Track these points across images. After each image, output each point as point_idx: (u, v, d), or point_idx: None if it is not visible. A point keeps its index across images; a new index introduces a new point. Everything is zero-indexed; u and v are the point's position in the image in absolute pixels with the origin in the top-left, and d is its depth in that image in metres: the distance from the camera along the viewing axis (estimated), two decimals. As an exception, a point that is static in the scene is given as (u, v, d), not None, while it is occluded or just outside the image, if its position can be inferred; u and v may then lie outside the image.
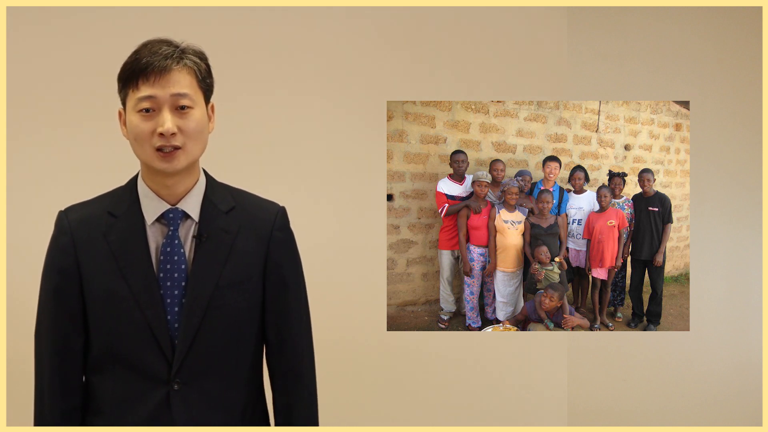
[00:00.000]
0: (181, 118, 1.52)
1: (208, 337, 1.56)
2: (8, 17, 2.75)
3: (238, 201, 1.65)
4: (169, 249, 1.57)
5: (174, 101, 1.52)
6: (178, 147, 1.52)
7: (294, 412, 1.66)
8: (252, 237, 1.61)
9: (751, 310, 3.60)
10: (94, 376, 1.60)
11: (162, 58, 1.51)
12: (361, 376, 3.01)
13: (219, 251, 1.58)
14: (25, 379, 2.23)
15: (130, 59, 1.53)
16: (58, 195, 2.72)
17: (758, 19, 3.43)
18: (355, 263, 3.00)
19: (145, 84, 1.51)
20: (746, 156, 3.57)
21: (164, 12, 2.81)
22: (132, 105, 1.53)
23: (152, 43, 1.54)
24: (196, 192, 1.61)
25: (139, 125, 1.52)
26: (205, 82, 1.58)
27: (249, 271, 1.61)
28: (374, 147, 3.04)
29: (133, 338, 1.54)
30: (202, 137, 1.57)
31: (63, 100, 2.80)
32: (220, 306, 1.57)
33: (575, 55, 3.27)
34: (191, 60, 1.55)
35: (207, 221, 1.60)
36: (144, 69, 1.50)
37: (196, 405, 1.56)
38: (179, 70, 1.53)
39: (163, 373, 1.54)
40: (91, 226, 1.59)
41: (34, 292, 1.65)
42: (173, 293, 1.56)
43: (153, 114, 1.51)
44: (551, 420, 3.21)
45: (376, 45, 3.04)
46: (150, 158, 1.54)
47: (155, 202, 1.58)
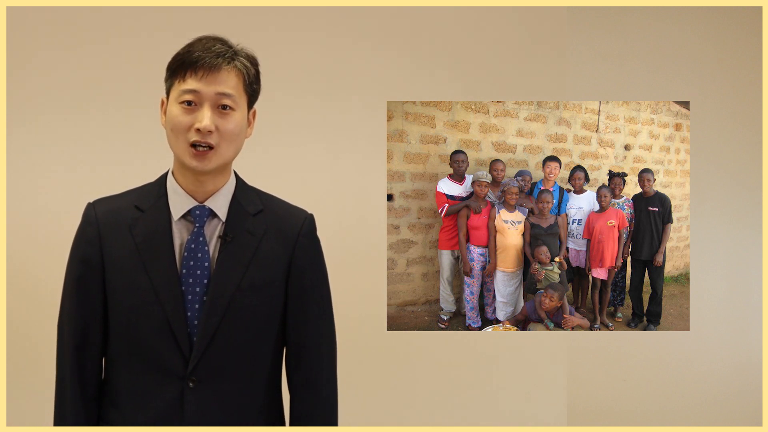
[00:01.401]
0: (221, 117, 1.53)
1: (227, 337, 1.56)
2: (8, 17, 2.75)
3: (267, 205, 1.65)
4: (194, 246, 1.57)
5: (217, 100, 1.52)
6: (212, 146, 1.52)
7: (310, 423, 1.65)
8: (278, 241, 1.61)
9: (751, 310, 3.60)
10: (112, 368, 1.60)
11: (214, 55, 1.52)
12: (361, 376, 3.01)
13: (243, 253, 1.58)
14: (25, 379, 2.24)
15: (183, 50, 1.54)
16: (58, 194, 2.73)
17: (758, 19, 3.43)
18: (355, 263, 3.00)
19: (193, 77, 1.51)
20: (746, 156, 3.57)
21: (164, 12, 2.81)
22: (175, 96, 1.53)
23: (207, 39, 1.55)
24: (225, 192, 1.61)
25: (178, 116, 1.52)
26: (251, 87, 1.59)
27: (272, 275, 1.60)
28: (374, 147, 3.04)
29: (152, 332, 1.54)
30: (237, 140, 1.57)
31: (63, 100, 2.80)
32: (241, 308, 1.57)
33: (575, 55, 3.28)
34: (242, 62, 1.56)
35: (234, 222, 1.60)
36: (194, 62, 1.51)
37: (209, 404, 1.55)
38: (228, 70, 1.53)
39: (179, 369, 1.54)
40: (117, 218, 1.59)
41: (35, 292, 1.65)
42: (195, 290, 1.55)
43: (194, 108, 1.52)
44: (551, 420, 3.21)
45: (376, 45, 3.04)
46: (183, 152, 1.54)
47: (183, 198, 1.58)
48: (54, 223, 2.63)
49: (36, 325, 2.53)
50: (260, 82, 1.62)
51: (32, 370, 2.48)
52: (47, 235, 2.66)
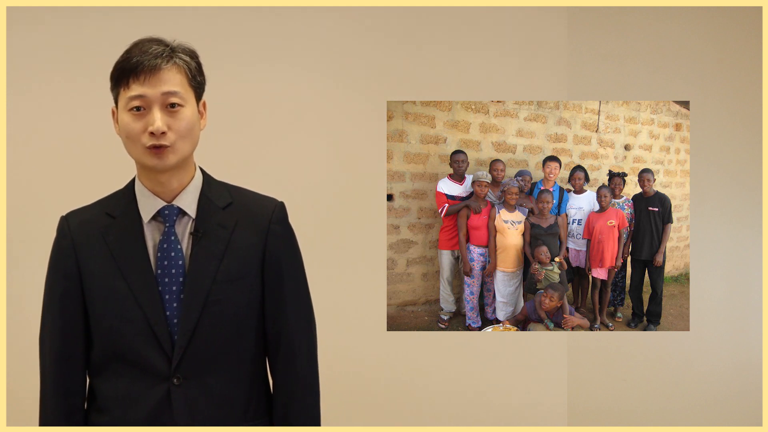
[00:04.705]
0: (171, 116, 1.54)
1: (207, 332, 1.57)
2: (8, 17, 2.75)
3: (236, 197, 1.66)
4: (166, 246, 1.58)
5: (164, 100, 1.53)
6: (167, 146, 1.53)
7: (290, 412, 1.65)
8: (250, 232, 1.62)
9: (751, 310, 3.59)
10: (97, 376, 1.61)
11: (152, 57, 1.52)
12: (361, 376, 3.01)
13: (216, 246, 1.59)
14: (25, 379, 2.24)
15: (121, 58, 1.55)
16: (58, 195, 2.73)
17: (758, 19, 3.43)
18: (355, 263, 3.00)
19: (136, 83, 1.52)
20: (746, 156, 3.57)
21: (164, 12, 2.81)
22: (123, 104, 1.54)
23: (143, 42, 1.55)
24: (192, 189, 1.62)
25: (130, 124, 1.54)
26: (195, 80, 1.59)
27: (247, 266, 1.61)
28: (374, 147, 3.04)
29: (134, 335, 1.55)
30: (192, 135, 1.58)
31: (63, 100, 2.80)
32: (219, 301, 1.58)
33: (575, 55, 3.27)
34: (181, 59, 1.56)
35: (203, 217, 1.61)
36: (134, 68, 1.52)
37: (197, 400, 1.56)
38: (169, 68, 1.54)
39: (163, 369, 1.55)
40: (90, 228, 1.61)
41: (34, 292, 1.66)
42: (171, 289, 1.57)
43: (144, 113, 1.53)
44: (551, 420, 3.21)
45: (376, 45, 3.04)
46: (141, 156, 1.55)
47: (151, 200, 1.60)
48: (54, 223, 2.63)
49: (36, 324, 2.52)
50: (203, 73, 1.62)
51: (32, 370, 2.47)
52: (47, 236, 2.66)
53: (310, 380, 1.68)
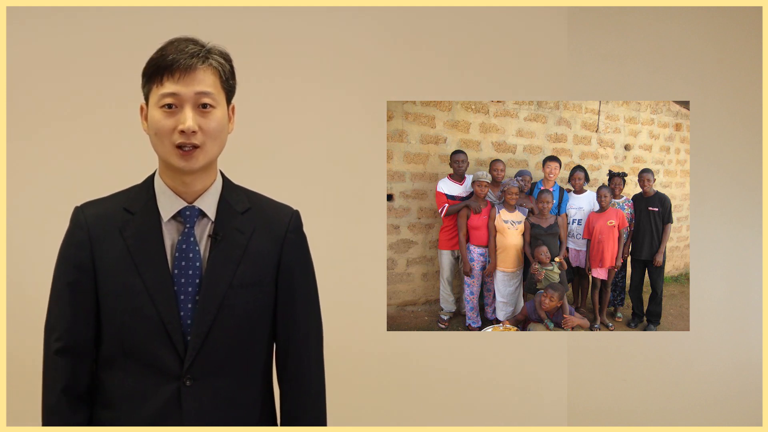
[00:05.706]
0: (203, 116, 1.54)
1: (221, 335, 1.57)
2: (8, 17, 2.75)
3: (254, 203, 1.67)
4: (185, 246, 1.58)
5: (197, 99, 1.53)
6: (197, 146, 1.54)
7: (298, 420, 1.67)
8: (267, 239, 1.63)
9: (751, 310, 3.59)
10: (105, 370, 1.60)
11: (188, 56, 1.53)
12: (361, 376, 3.01)
13: (233, 251, 1.60)
14: (25, 379, 2.24)
15: (156, 55, 1.55)
16: (59, 194, 2.73)
17: (758, 19, 3.43)
18: (355, 263, 3.00)
19: (170, 80, 1.52)
20: (746, 156, 3.57)
21: (164, 12, 2.81)
22: (155, 100, 1.54)
23: (179, 41, 1.56)
24: (213, 191, 1.63)
25: (160, 121, 1.54)
26: (228, 83, 1.60)
27: (262, 273, 1.62)
28: (374, 147, 3.04)
29: (146, 333, 1.55)
30: (221, 137, 1.59)
31: (63, 100, 2.80)
32: (233, 305, 1.58)
33: (575, 55, 3.27)
34: (216, 60, 1.57)
35: (223, 221, 1.61)
36: (169, 66, 1.52)
37: (206, 402, 1.56)
38: (204, 69, 1.55)
39: (175, 369, 1.55)
40: (107, 222, 1.60)
41: (35, 292, 1.65)
42: (187, 290, 1.57)
43: (175, 111, 1.53)
44: (551, 420, 3.21)
45: (376, 45, 3.04)
46: (169, 155, 1.55)
47: (172, 200, 1.60)
48: (54, 223, 2.63)
49: (36, 324, 2.52)
50: (236, 77, 1.63)
51: (32, 370, 2.47)
52: (48, 234, 2.66)
53: (320, 396, 1.70)
